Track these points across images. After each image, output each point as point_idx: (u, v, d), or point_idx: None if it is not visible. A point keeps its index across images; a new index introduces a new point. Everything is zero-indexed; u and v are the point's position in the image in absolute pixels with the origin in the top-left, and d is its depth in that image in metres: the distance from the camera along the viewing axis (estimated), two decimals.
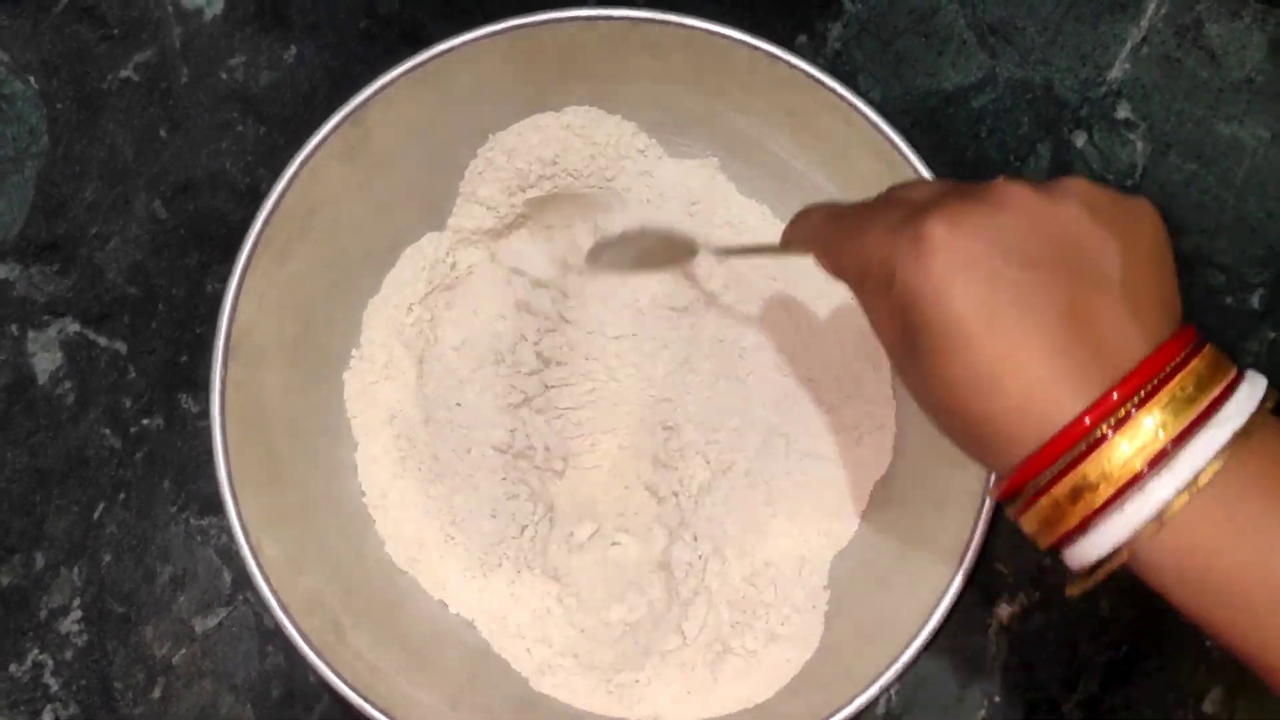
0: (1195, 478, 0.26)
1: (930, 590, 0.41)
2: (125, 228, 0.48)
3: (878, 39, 0.49)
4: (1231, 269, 0.47)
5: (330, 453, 0.46)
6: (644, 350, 0.47)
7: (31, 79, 0.49)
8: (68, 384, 0.47)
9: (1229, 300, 0.47)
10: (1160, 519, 0.26)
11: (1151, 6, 0.48)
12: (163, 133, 0.48)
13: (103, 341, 0.47)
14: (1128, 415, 0.27)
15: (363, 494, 0.46)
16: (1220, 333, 0.46)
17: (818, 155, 0.45)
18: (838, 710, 0.41)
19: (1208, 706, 0.43)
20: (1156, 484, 0.26)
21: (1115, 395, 0.27)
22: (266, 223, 0.42)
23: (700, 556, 0.45)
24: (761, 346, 0.47)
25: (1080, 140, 0.48)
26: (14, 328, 0.47)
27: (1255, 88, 0.48)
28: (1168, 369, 0.27)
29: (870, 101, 0.43)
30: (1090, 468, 0.27)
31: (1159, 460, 0.26)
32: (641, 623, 0.45)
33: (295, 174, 0.42)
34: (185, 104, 0.49)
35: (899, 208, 0.30)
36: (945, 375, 0.28)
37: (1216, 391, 0.27)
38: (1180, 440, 0.26)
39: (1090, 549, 0.28)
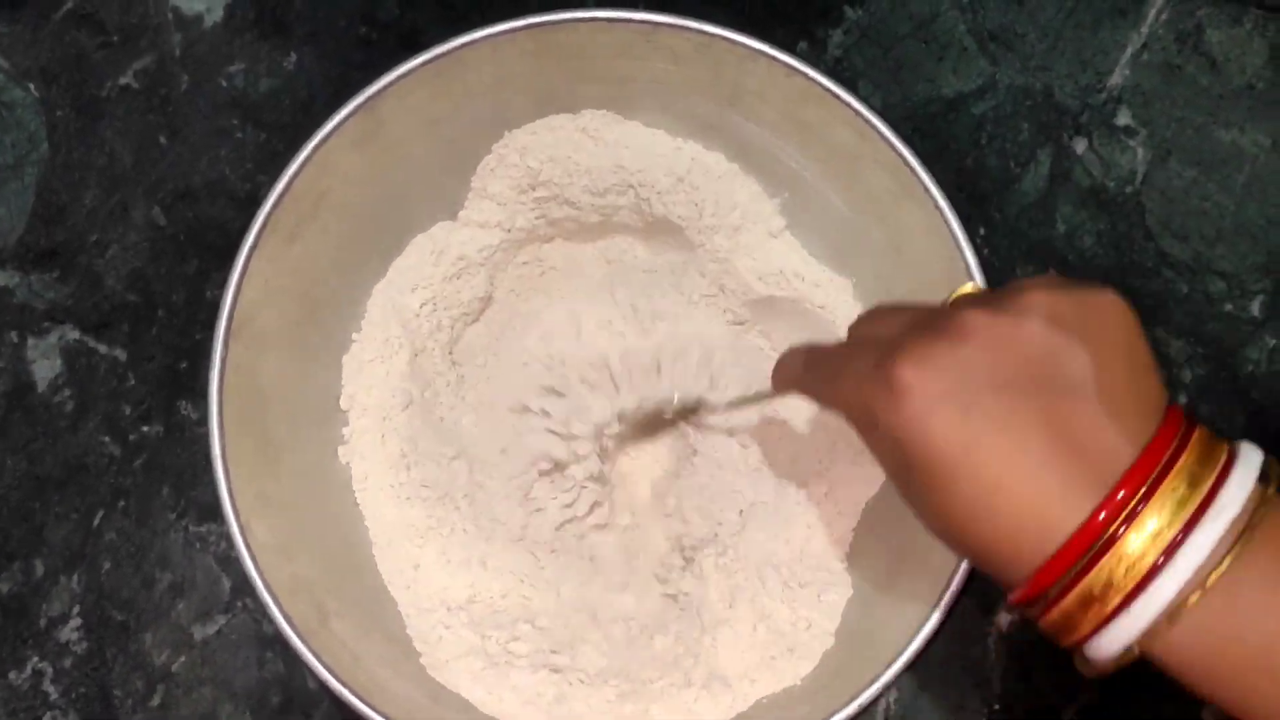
0: (1199, 575, 0.27)
1: (918, 609, 0.41)
2: (124, 235, 0.48)
3: (878, 45, 0.48)
4: (1232, 276, 0.47)
5: (325, 438, 0.45)
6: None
7: (31, 86, 0.49)
8: (67, 391, 0.47)
9: (1229, 307, 0.47)
10: (1170, 617, 0.27)
11: (1152, 13, 0.48)
12: (162, 140, 0.48)
13: (102, 349, 0.47)
14: (1133, 515, 0.27)
15: (351, 479, 0.46)
16: (1220, 339, 0.46)
17: (828, 168, 0.45)
18: None
19: (1206, 716, 0.43)
20: (1159, 584, 0.27)
21: (1102, 516, 0.27)
22: (275, 205, 0.42)
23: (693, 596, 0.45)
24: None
25: (1080, 147, 0.48)
26: (13, 335, 0.47)
27: (1256, 94, 0.48)
28: (1157, 470, 0.28)
29: (879, 114, 0.43)
30: (1095, 579, 0.27)
31: (1162, 563, 0.27)
32: (625, 637, 0.45)
33: (307, 159, 0.42)
34: (184, 111, 0.48)
35: (867, 350, 0.31)
36: (940, 508, 0.29)
37: (1209, 483, 0.28)
38: (1182, 538, 0.27)
39: (1104, 647, 0.28)
